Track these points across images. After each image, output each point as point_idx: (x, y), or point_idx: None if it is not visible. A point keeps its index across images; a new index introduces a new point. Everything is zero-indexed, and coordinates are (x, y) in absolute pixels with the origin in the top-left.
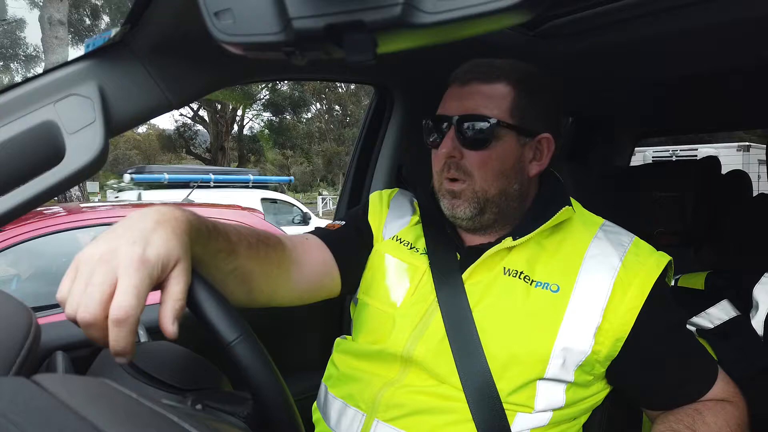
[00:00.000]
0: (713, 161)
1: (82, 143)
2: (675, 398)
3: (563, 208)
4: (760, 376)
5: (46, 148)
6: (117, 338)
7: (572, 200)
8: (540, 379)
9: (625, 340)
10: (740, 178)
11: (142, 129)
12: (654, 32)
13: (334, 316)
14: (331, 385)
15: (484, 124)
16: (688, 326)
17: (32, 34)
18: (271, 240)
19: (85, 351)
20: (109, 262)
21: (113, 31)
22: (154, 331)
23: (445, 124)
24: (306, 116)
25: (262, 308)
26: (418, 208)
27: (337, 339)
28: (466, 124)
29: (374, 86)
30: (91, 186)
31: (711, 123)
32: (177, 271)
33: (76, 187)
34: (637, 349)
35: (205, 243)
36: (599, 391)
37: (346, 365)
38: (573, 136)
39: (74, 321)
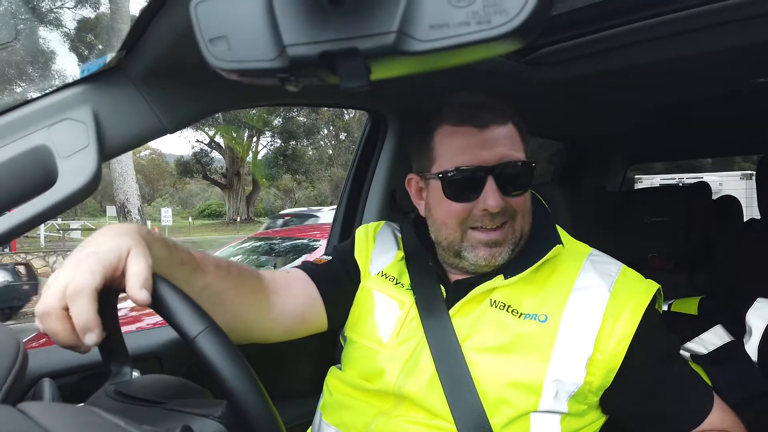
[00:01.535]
0: (704, 187)
1: (75, 167)
2: (670, 427)
3: (554, 247)
4: (756, 402)
5: (38, 172)
6: (77, 312)
7: (559, 229)
8: (533, 411)
9: (618, 371)
10: (731, 203)
11: (144, 152)
12: (644, 60)
13: (327, 344)
14: (326, 413)
15: (524, 169)
16: (681, 352)
17: (66, 66)
18: (245, 267)
19: (72, 378)
20: (66, 271)
21: (109, 57)
22: (146, 357)
23: (482, 175)
24: (313, 141)
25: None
26: (402, 243)
27: (332, 367)
28: (507, 172)
29: (368, 112)
30: (165, 212)
31: (702, 149)
32: (132, 256)
33: (137, 211)
34: (630, 379)
35: (164, 247)
36: (595, 420)
37: (340, 392)
38: (565, 161)
39: (45, 331)
